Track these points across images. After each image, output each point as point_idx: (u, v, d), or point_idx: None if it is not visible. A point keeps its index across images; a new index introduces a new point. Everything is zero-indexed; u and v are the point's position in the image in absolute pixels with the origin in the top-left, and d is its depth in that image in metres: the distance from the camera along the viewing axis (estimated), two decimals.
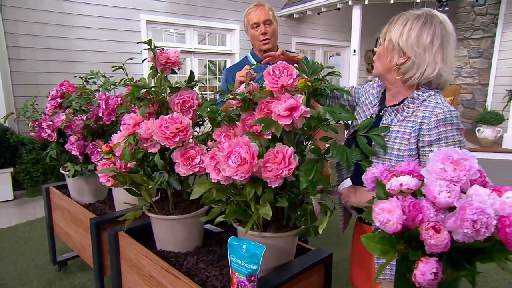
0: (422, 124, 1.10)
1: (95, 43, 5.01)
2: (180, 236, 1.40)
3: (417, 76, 1.13)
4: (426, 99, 1.13)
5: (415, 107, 1.14)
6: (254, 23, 2.02)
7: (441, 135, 1.08)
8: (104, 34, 5.07)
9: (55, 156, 1.96)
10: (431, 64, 1.11)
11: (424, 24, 1.12)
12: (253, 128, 1.12)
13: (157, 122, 1.13)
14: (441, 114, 1.08)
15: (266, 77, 1.10)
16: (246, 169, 0.98)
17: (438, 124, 1.08)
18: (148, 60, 1.34)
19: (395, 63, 1.16)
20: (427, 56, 1.11)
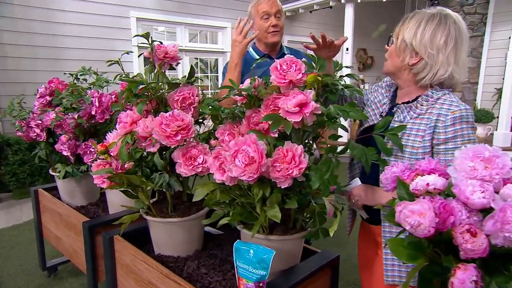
0: (437, 122, 1.09)
1: (83, 41, 4.88)
2: (180, 240, 1.34)
3: (429, 77, 1.12)
4: (440, 97, 1.12)
5: (429, 105, 1.12)
6: (264, 12, 1.90)
7: (457, 132, 1.07)
8: (93, 31, 4.94)
9: (44, 157, 1.87)
10: (443, 65, 1.11)
11: (438, 24, 1.10)
12: (259, 126, 1.07)
13: (157, 119, 1.07)
14: (458, 112, 1.07)
15: (273, 72, 1.04)
16: (255, 169, 0.92)
17: (454, 122, 1.07)
18: (145, 55, 1.27)
19: (406, 63, 1.15)
20: (440, 57, 1.10)
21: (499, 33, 6.27)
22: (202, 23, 5.92)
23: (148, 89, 1.21)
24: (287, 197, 1.05)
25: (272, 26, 1.91)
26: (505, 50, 6.12)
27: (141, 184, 1.17)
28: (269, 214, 0.99)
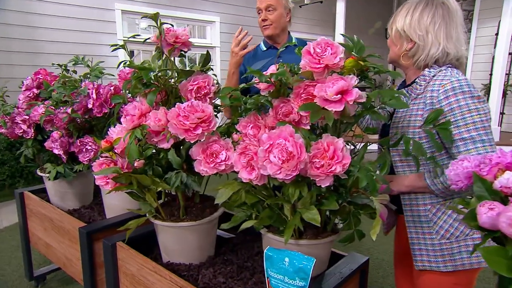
0: (432, 98, 1.11)
1: (64, 34, 4.61)
2: (192, 246, 1.20)
3: (423, 57, 1.16)
4: (436, 74, 1.15)
5: (426, 84, 1.15)
6: (257, 8, 2.00)
7: (452, 105, 1.06)
8: (74, 24, 4.68)
9: (31, 156, 1.69)
10: (434, 44, 1.14)
11: (425, 7, 1.16)
12: (289, 117, 0.95)
13: (173, 111, 0.93)
14: (448, 85, 1.07)
15: (306, 56, 0.93)
16: (293, 166, 0.80)
17: (447, 95, 1.07)
18: (153, 40, 1.13)
19: (404, 49, 1.20)
20: (430, 37, 1.14)
21: (485, 29, 6.35)
22: (190, 16, 5.73)
23: (158, 78, 1.07)
24: (322, 197, 0.94)
25: (262, 20, 1.97)
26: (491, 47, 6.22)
27: (152, 185, 1.03)
28: (306, 217, 0.87)
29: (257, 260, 1.26)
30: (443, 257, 1.16)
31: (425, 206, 1.17)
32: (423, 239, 1.19)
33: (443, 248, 1.16)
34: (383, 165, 0.82)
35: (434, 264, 1.18)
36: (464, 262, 1.14)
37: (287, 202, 0.93)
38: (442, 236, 1.15)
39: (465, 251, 1.14)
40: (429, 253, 1.18)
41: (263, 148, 0.82)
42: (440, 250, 1.16)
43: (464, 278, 1.17)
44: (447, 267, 1.16)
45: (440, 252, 1.16)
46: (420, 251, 1.21)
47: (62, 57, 4.36)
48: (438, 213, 1.16)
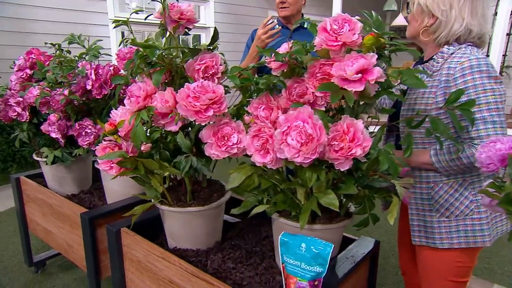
0: (448, 76, 1.07)
1: (52, 12, 4.43)
2: (200, 231, 1.18)
3: (445, 34, 1.12)
4: (455, 52, 1.11)
5: (444, 61, 1.11)
6: None
7: (467, 83, 1.04)
8: (64, 2, 4.49)
9: (26, 140, 1.63)
10: (458, 20, 1.10)
11: None
12: (304, 98, 0.90)
13: (183, 92, 0.88)
14: (466, 62, 1.04)
15: (321, 33, 0.88)
16: (313, 149, 0.76)
17: (464, 73, 1.04)
18: (156, 16, 1.06)
19: (425, 24, 1.15)
20: (453, 12, 1.10)
21: None
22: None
23: (162, 57, 1.01)
24: (338, 180, 0.91)
25: (280, 2, 2.01)
26: None
27: (159, 169, 0.99)
28: (324, 201, 0.84)
29: (266, 244, 1.24)
30: (440, 234, 1.18)
31: (428, 184, 1.18)
32: (422, 216, 1.21)
33: (441, 226, 1.17)
34: (407, 147, 0.79)
35: (431, 241, 1.20)
36: (460, 241, 1.16)
37: (302, 186, 0.90)
38: (442, 214, 1.17)
39: (463, 230, 1.16)
40: (427, 229, 1.20)
41: (280, 130, 0.78)
42: (438, 227, 1.18)
43: (464, 256, 1.19)
44: (443, 244, 1.18)
45: (438, 230, 1.18)
46: (419, 227, 1.22)
47: (50, 37, 4.20)
48: (440, 191, 1.16)
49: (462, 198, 1.14)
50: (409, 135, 0.81)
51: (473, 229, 1.15)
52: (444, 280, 1.22)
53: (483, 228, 1.14)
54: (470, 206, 1.14)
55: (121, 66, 1.30)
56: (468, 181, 1.14)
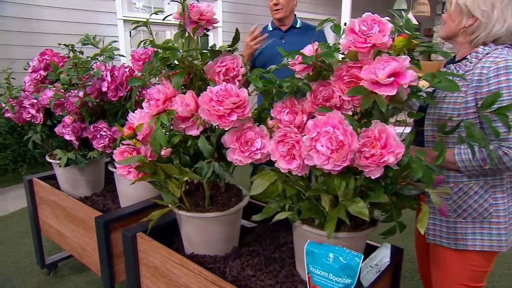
0: (481, 75, 1.04)
1: (62, 12, 4.43)
2: (218, 237, 1.15)
3: (484, 35, 1.09)
4: (490, 52, 1.08)
5: (478, 61, 1.08)
6: None
7: (501, 84, 1.00)
8: (73, 2, 4.49)
9: (39, 142, 1.61)
10: (499, 21, 1.06)
11: None
12: (331, 102, 0.87)
13: (205, 95, 0.85)
14: (502, 63, 1.01)
15: (349, 35, 0.84)
16: (343, 156, 0.73)
17: (498, 73, 1.01)
18: (175, 17, 1.03)
19: (463, 25, 1.11)
20: (495, 13, 1.06)
21: None
22: None
23: (182, 59, 0.99)
24: (365, 187, 0.88)
25: (274, 4, 2.09)
26: None
27: (179, 174, 0.96)
28: (353, 210, 0.81)
29: (285, 251, 1.21)
30: (455, 235, 1.15)
31: (447, 184, 1.14)
32: (438, 215, 1.18)
33: (457, 226, 1.15)
34: (440, 154, 0.75)
35: (445, 241, 1.17)
36: (475, 243, 1.13)
37: (328, 194, 0.87)
38: (459, 215, 1.14)
39: (479, 233, 1.13)
40: (442, 229, 1.18)
41: (309, 136, 0.75)
42: (454, 228, 1.15)
43: (479, 259, 1.15)
44: (457, 246, 1.15)
45: (454, 230, 1.15)
46: (434, 225, 1.20)
47: (61, 37, 4.20)
48: (459, 192, 1.13)
49: (482, 201, 1.10)
50: (442, 142, 0.78)
51: (490, 233, 1.12)
52: (457, 283, 1.19)
53: (500, 232, 1.11)
54: (489, 209, 1.11)
55: (135, 68, 1.28)
56: (489, 184, 1.10)
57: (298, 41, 2.22)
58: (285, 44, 2.22)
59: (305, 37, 2.24)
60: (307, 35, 2.25)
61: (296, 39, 2.22)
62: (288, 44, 2.21)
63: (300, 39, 2.23)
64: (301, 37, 2.23)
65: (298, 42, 2.25)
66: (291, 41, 2.21)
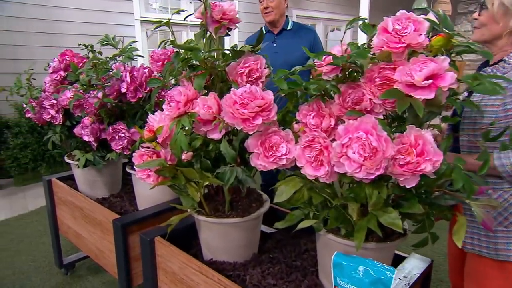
0: None
1: (82, 13, 4.49)
2: (238, 243, 1.11)
3: None
4: None
5: None
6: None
7: None
8: (90, 3, 4.55)
9: (58, 142, 1.61)
10: None
11: None
12: (361, 105, 0.82)
13: (229, 98, 0.82)
14: None
15: (382, 34, 0.79)
16: (377, 164, 0.68)
17: None
18: (196, 16, 1.00)
19: (510, 27, 1.04)
20: None
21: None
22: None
23: (203, 60, 0.95)
24: (397, 196, 0.83)
25: (264, 8, 2.14)
26: None
27: (200, 179, 0.93)
28: (385, 220, 0.76)
29: (306, 259, 1.16)
30: (496, 244, 1.09)
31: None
32: (476, 222, 1.10)
33: (497, 235, 1.08)
34: (484, 164, 0.69)
35: (485, 250, 1.11)
36: None
37: (356, 202, 0.82)
38: (500, 223, 1.07)
39: None
40: (481, 237, 1.11)
41: (340, 142, 0.71)
42: (494, 237, 1.09)
43: None
44: (498, 256, 1.09)
45: (494, 239, 1.09)
46: (472, 234, 1.14)
47: (80, 37, 4.26)
48: (499, 199, 1.07)
49: None
50: (486, 152, 0.72)
51: None
52: None
53: None
54: None
55: (155, 68, 1.25)
56: None
57: (289, 43, 2.24)
58: (278, 47, 2.23)
59: (296, 38, 2.26)
60: (299, 35, 2.26)
61: (288, 42, 2.25)
62: (280, 47, 2.23)
63: (291, 41, 2.25)
64: (293, 39, 2.26)
65: (289, 44, 2.26)
66: (283, 44, 2.24)
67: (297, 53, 2.21)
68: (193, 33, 5.70)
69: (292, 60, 2.15)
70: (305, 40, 2.25)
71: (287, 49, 2.22)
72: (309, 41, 2.26)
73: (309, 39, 2.26)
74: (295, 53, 2.20)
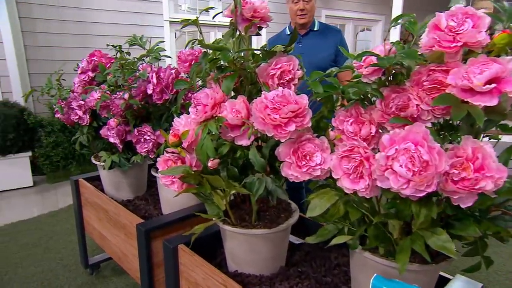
0: None
1: (113, 15, 4.59)
2: (264, 255, 1.05)
3: None
4: None
5: None
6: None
7: None
8: (122, 4, 4.63)
9: (86, 143, 1.61)
10: None
11: None
12: (407, 112, 0.73)
13: (259, 102, 0.75)
14: None
15: (433, 32, 0.70)
16: (428, 180, 0.60)
17: None
18: (226, 15, 0.95)
19: None
20: None
21: None
22: None
23: (233, 61, 0.90)
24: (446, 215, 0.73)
25: (300, 10, 2.08)
26: None
27: (227, 187, 0.87)
28: (434, 244, 0.67)
29: (337, 274, 1.08)
30: None
31: None
32: None
33: None
34: None
35: None
36: None
37: (397, 220, 0.74)
38: None
39: None
40: None
41: (385, 154, 0.63)
42: None
43: None
44: None
45: None
46: None
47: (110, 39, 4.34)
48: None
49: None
50: None
51: None
52: None
53: None
54: None
55: (182, 69, 1.21)
56: None
57: (315, 44, 2.17)
58: (303, 48, 2.17)
59: (323, 39, 2.19)
60: (325, 36, 2.18)
61: (313, 42, 2.17)
62: (306, 48, 2.16)
63: (317, 42, 2.18)
64: (319, 40, 2.18)
65: (315, 45, 2.19)
66: (308, 45, 2.18)
67: (322, 54, 2.15)
68: (220, 33, 5.69)
69: (316, 61, 2.08)
70: (331, 41, 2.18)
71: (312, 50, 2.15)
72: (335, 42, 2.18)
73: (335, 40, 2.19)
74: (320, 54, 2.14)
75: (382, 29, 7.37)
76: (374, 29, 7.45)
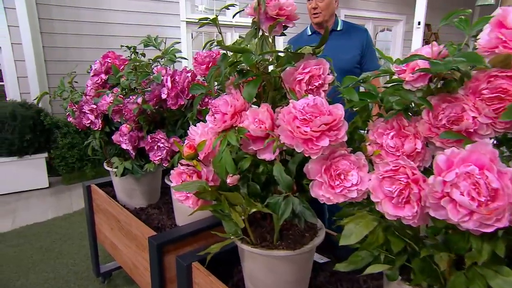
0: None
1: (129, 16, 4.57)
2: (286, 278, 0.94)
3: None
4: None
5: None
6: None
7: None
8: (139, 5, 4.61)
9: (98, 148, 1.54)
10: None
11: None
12: (461, 125, 0.62)
13: (286, 112, 0.65)
14: None
15: (496, 31, 0.59)
16: (499, 212, 0.48)
17: None
18: (248, 13, 0.85)
19: None
20: None
21: None
22: None
23: (256, 64, 0.80)
24: None
25: (313, 8, 1.99)
26: None
27: (248, 206, 0.78)
28: (498, 286, 0.55)
29: None
30: None
31: None
32: None
33: None
34: None
35: None
36: None
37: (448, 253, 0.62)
38: None
39: None
40: None
41: (441, 178, 0.52)
42: None
43: None
44: None
45: None
46: None
47: (126, 39, 4.32)
48: None
49: None
50: None
51: None
52: None
53: None
54: None
55: (198, 72, 1.13)
56: None
57: (339, 45, 2.00)
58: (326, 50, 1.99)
59: (347, 39, 2.03)
60: (350, 37, 2.03)
61: (337, 43, 2.01)
62: (328, 49, 1.98)
63: (341, 43, 2.02)
64: (343, 40, 2.03)
65: (339, 46, 2.02)
66: (332, 46, 2.02)
67: (347, 56, 2.00)
68: (237, 34, 5.61)
69: (341, 64, 1.93)
70: (356, 41, 2.02)
71: (336, 52, 2.01)
72: (361, 42, 2.02)
73: (361, 40, 2.03)
74: (344, 56, 1.99)
75: (403, 29, 7.15)
76: (394, 29, 7.24)
